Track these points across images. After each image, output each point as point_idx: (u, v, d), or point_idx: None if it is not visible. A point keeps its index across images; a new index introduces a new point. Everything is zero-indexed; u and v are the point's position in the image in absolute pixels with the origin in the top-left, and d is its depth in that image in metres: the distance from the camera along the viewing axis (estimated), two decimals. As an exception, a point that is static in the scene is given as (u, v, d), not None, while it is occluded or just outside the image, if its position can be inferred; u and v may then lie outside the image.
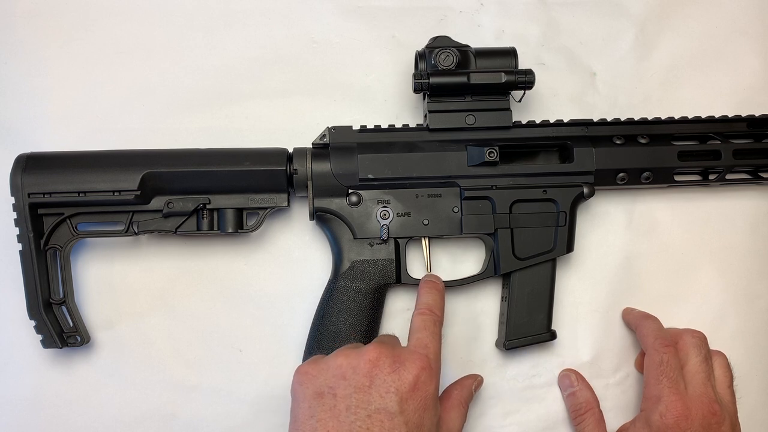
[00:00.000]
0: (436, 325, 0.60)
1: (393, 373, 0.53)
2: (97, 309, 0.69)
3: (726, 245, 0.73)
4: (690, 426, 0.60)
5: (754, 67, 0.75)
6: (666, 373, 0.62)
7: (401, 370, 0.53)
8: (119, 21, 0.73)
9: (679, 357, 0.64)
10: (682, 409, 0.61)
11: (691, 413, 0.61)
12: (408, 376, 0.53)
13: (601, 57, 0.75)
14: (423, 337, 0.57)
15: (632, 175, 0.68)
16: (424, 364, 0.54)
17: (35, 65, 0.72)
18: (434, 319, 0.60)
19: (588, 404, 0.67)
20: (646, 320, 0.68)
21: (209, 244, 0.70)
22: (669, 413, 0.61)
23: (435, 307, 0.61)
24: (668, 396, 0.61)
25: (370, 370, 0.53)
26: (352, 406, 0.52)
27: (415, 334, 0.58)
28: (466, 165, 0.67)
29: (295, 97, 0.73)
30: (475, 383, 0.66)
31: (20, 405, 0.68)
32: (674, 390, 0.62)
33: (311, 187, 0.66)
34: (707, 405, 0.62)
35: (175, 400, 0.68)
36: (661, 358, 0.63)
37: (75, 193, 0.64)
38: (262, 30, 0.73)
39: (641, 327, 0.67)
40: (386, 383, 0.52)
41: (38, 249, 0.64)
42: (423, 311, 0.61)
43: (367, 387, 0.52)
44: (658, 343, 0.64)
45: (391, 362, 0.53)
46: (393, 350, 0.55)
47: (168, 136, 0.71)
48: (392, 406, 0.52)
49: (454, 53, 0.65)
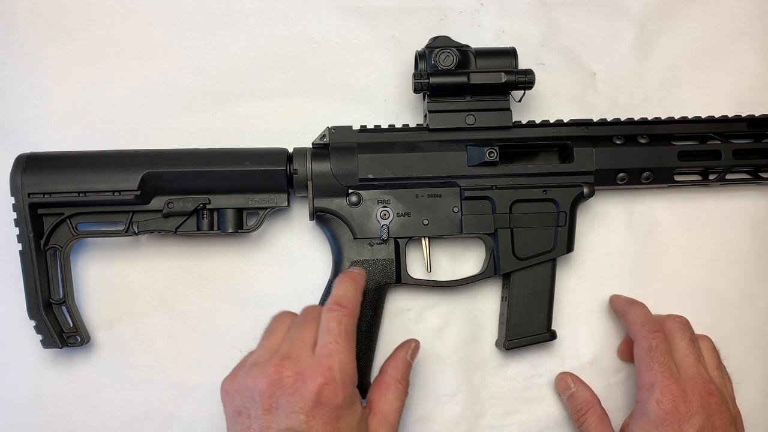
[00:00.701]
0: (341, 323, 0.55)
1: (294, 393, 0.52)
2: (97, 309, 0.69)
3: (726, 245, 0.73)
4: (689, 409, 0.59)
5: (754, 67, 0.75)
6: (657, 359, 0.61)
7: (302, 389, 0.52)
8: (119, 21, 0.73)
9: (667, 342, 0.63)
10: (678, 392, 0.60)
11: (687, 396, 0.60)
12: (309, 394, 0.52)
13: (601, 57, 0.74)
14: (327, 343, 0.54)
15: (632, 175, 0.68)
16: (325, 378, 0.52)
17: (35, 65, 0.72)
18: (340, 317, 0.56)
19: (588, 403, 0.66)
20: (633, 306, 0.67)
21: (209, 244, 0.70)
22: (665, 398, 0.60)
23: (344, 299, 0.57)
24: (662, 381, 0.60)
25: (273, 392, 0.52)
26: (264, 426, 0.52)
27: (320, 339, 0.55)
28: (466, 165, 0.66)
29: (295, 97, 0.73)
30: (409, 352, 0.63)
31: (20, 405, 0.68)
32: (667, 374, 0.60)
33: (311, 187, 0.66)
34: (703, 386, 0.60)
35: (175, 400, 0.68)
36: (650, 344, 0.62)
37: (75, 193, 0.64)
38: (262, 30, 0.73)
39: (628, 313, 0.66)
40: (290, 403, 0.52)
41: (38, 249, 0.64)
42: (330, 306, 0.57)
43: (274, 408, 0.52)
44: (646, 330, 0.63)
45: (292, 382, 0.52)
46: (295, 365, 0.53)
47: (168, 136, 0.71)
48: (299, 425, 0.51)
49: (454, 53, 0.65)
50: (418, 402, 0.69)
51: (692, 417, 0.59)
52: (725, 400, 0.62)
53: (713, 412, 0.60)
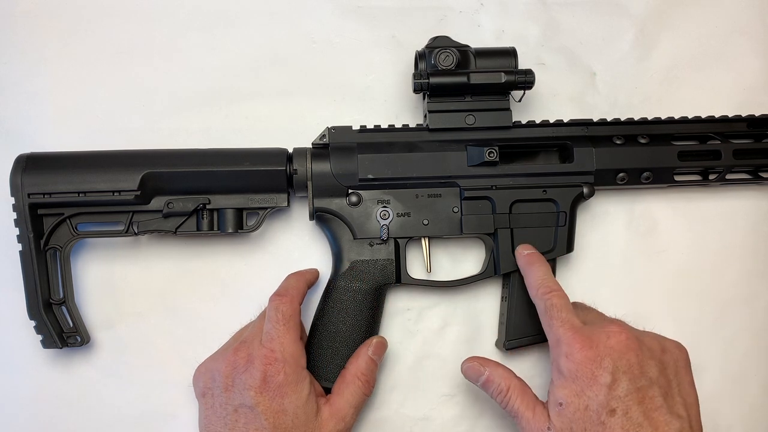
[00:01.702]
0: (278, 310, 0.61)
1: (245, 372, 0.59)
2: (97, 309, 0.69)
3: (726, 245, 0.73)
4: (597, 353, 0.56)
5: (754, 67, 0.75)
6: (555, 316, 0.60)
7: (251, 369, 0.59)
8: (119, 21, 0.73)
9: (567, 298, 0.61)
10: (582, 340, 0.57)
11: (593, 341, 0.57)
12: (257, 373, 0.59)
13: (601, 57, 0.74)
14: (269, 329, 0.60)
15: (632, 175, 0.68)
16: (268, 359, 0.59)
17: (35, 65, 0.72)
18: (278, 305, 0.61)
19: (506, 380, 0.62)
20: (530, 267, 0.64)
21: (209, 244, 0.70)
22: (572, 350, 0.57)
23: (282, 289, 0.63)
24: (564, 334, 0.58)
25: (230, 373, 0.60)
26: (223, 403, 0.60)
27: (264, 326, 0.61)
28: (466, 165, 0.67)
29: (295, 97, 0.73)
30: (370, 348, 0.64)
31: (20, 405, 0.68)
32: (568, 327, 0.58)
33: (311, 187, 0.66)
34: (606, 327, 0.58)
35: (175, 400, 0.68)
36: (545, 305, 0.61)
37: (75, 193, 0.64)
38: (262, 30, 0.73)
39: (526, 276, 0.65)
40: (242, 381, 0.59)
41: (38, 249, 0.64)
42: (271, 297, 0.62)
43: (230, 387, 0.59)
44: (541, 292, 0.62)
45: (244, 363, 0.59)
46: (248, 349, 0.60)
47: (168, 136, 0.71)
48: (249, 400, 0.58)
49: (454, 53, 0.65)
50: (418, 402, 0.69)
51: (602, 360, 0.56)
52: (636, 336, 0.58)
53: (624, 349, 0.57)
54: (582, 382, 0.56)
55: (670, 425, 0.55)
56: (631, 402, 0.56)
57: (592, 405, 0.56)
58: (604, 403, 0.56)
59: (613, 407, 0.56)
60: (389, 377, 0.69)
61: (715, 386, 0.71)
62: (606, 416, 0.55)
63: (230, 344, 0.64)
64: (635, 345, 0.58)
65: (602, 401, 0.56)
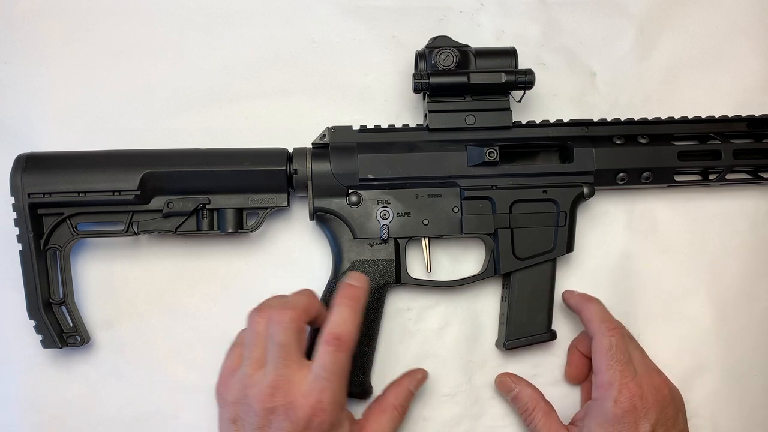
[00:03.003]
0: (337, 361, 0.56)
1: (285, 420, 0.55)
2: (97, 309, 0.69)
3: (726, 245, 0.73)
4: (645, 405, 0.60)
5: (754, 67, 0.75)
6: (616, 357, 0.61)
7: (293, 416, 0.55)
8: (119, 21, 0.73)
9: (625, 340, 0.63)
10: (636, 390, 0.60)
11: (644, 392, 0.60)
12: (300, 422, 0.55)
13: (601, 57, 0.74)
14: (321, 378, 0.56)
15: (632, 175, 0.68)
16: (315, 410, 0.55)
17: (35, 65, 0.72)
18: (336, 354, 0.56)
19: (533, 401, 0.65)
20: (589, 302, 0.66)
21: (209, 244, 0.70)
22: (623, 397, 0.60)
23: (343, 331, 0.57)
24: (621, 380, 0.60)
25: (267, 416, 0.55)
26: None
27: (315, 369, 0.56)
28: (466, 165, 0.67)
29: (295, 97, 0.73)
30: (413, 383, 0.65)
31: (20, 405, 0.68)
32: (627, 373, 0.61)
33: (311, 187, 0.66)
34: (656, 380, 0.62)
35: (175, 400, 0.68)
36: (609, 342, 0.62)
37: (75, 193, 0.64)
38: (262, 30, 0.73)
39: (585, 310, 0.66)
40: (281, 428, 0.55)
41: (38, 249, 0.64)
42: (327, 339, 0.57)
43: (266, 427, 0.55)
44: (604, 327, 0.63)
45: (284, 410, 0.55)
46: (286, 396, 0.55)
47: (168, 136, 0.71)
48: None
49: (454, 53, 0.65)
50: (418, 402, 0.69)
51: (648, 413, 0.60)
52: (672, 386, 0.63)
53: (666, 404, 0.61)
54: (623, 428, 0.60)
55: None
56: None
57: None
58: None
59: None
60: (389, 378, 0.69)
61: (715, 386, 0.71)
62: None
63: (253, 378, 0.57)
64: (673, 397, 0.62)
65: None
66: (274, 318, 0.57)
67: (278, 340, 0.56)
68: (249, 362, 0.57)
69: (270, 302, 0.60)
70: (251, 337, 0.58)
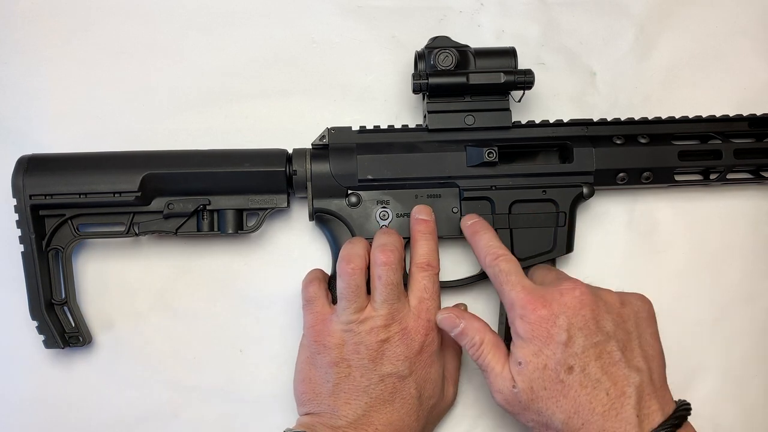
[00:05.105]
0: (435, 283, 0.63)
1: (402, 345, 0.60)
2: (97, 309, 0.69)
3: (726, 245, 0.73)
4: (551, 312, 0.56)
5: (754, 67, 0.75)
6: (505, 280, 0.59)
7: (408, 341, 0.60)
8: (119, 21, 0.73)
9: (515, 261, 0.61)
10: (536, 301, 0.57)
11: (546, 301, 0.57)
12: (415, 345, 0.60)
13: (601, 57, 0.74)
14: (425, 299, 0.62)
15: (632, 175, 0.68)
16: (427, 330, 0.61)
17: (35, 65, 0.72)
18: (433, 276, 0.63)
19: (480, 334, 0.60)
20: (475, 236, 0.64)
21: (209, 244, 0.70)
22: (526, 311, 0.57)
23: (433, 258, 0.63)
24: (517, 296, 0.58)
25: (380, 346, 0.60)
26: (366, 373, 0.60)
27: (418, 293, 0.62)
28: (466, 165, 0.66)
29: (295, 97, 0.73)
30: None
31: (21, 405, 0.68)
32: (519, 289, 0.58)
33: (310, 187, 0.66)
34: (559, 285, 0.58)
35: (175, 400, 0.69)
36: (493, 271, 0.60)
37: (76, 194, 0.64)
38: (262, 30, 0.73)
39: (473, 246, 0.64)
40: (396, 353, 0.60)
41: (40, 250, 0.64)
42: (422, 266, 0.63)
43: (380, 358, 0.60)
44: (489, 259, 0.61)
45: (399, 336, 0.60)
46: (401, 321, 0.60)
47: (168, 136, 0.71)
48: (403, 370, 0.60)
49: (453, 53, 0.65)
50: (417, 402, 0.69)
51: (557, 318, 0.56)
52: (591, 291, 0.58)
53: (580, 306, 0.57)
54: (539, 342, 0.57)
55: (629, 379, 0.55)
56: (588, 358, 0.56)
57: (550, 363, 0.56)
58: (561, 361, 0.56)
59: (571, 364, 0.56)
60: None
61: (715, 386, 0.71)
62: (564, 374, 0.56)
63: (369, 315, 0.60)
64: (590, 300, 0.57)
65: (559, 359, 0.56)
66: (378, 261, 0.61)
67: (388, 280, 0.61)
68: (352, 308, 0.61)
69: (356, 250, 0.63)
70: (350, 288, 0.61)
